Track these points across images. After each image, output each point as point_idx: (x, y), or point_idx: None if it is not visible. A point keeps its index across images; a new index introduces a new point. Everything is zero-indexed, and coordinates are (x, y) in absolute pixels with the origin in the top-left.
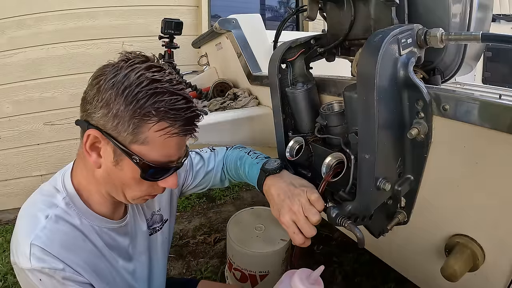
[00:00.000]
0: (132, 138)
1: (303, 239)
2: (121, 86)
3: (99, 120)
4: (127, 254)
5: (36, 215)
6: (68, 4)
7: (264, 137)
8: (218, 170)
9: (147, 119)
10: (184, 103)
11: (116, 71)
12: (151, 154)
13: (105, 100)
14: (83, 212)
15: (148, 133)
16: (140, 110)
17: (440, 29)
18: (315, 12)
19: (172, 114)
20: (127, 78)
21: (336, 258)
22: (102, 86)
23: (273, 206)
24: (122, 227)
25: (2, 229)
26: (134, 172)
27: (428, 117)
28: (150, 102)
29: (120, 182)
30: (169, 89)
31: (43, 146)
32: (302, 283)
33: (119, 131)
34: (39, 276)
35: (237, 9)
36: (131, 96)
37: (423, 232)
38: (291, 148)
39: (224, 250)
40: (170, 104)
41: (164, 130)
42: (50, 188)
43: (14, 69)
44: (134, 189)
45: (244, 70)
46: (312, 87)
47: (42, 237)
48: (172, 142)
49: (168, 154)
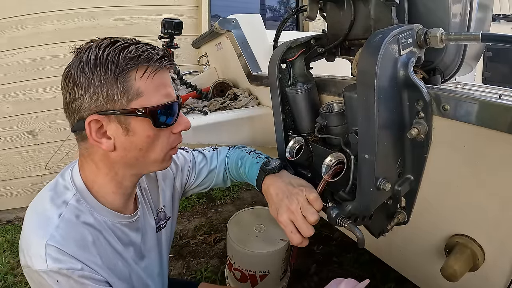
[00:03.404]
0: (127, 96)
1: (301, 239)
2: (90, 62)
3: (90, 106)
4: (139, 251)
5: (48, 215)
6: (68, 4)
7: (264, 137)
8: (220, 170)
9: (128, 70)
10: (148, 46)
11: (78, 58)
12: (151, 100)
13: (85, 82)
14: (95, 208)
15: (136, 82)
16: (118, 68)
17: (440, 29)
18: (315, 12)
19: (145, 55)
20: (90, 54)
21: (336, 258)
22: (73, 76)
23: (271, 206)
24: (134, 222)
25: (2, 229)
26: (147, 128)
27: (428, 117)
28: (122, 57)
29: (139, 150)
30: (129, 42)
31: (43, 146)
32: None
33: (112, 99)
34: (56, 278)
35: (237, 9)
36: (104, 62)
37: (423, 232)
38: (291, 148)
39: (224, 250)
40: (137, 50)
41: (147, 70)
42: (59, 186)
43: (14, 69)
44: (155, 149)
45: (244, 70)
46: (312, 87)
47: (56, 237)
48: (160, 79)
49: (164, 92)
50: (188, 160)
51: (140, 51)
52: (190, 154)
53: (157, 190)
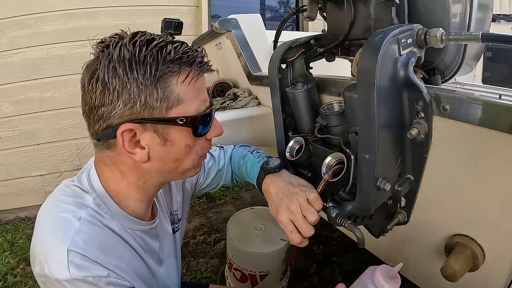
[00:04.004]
0: (167, 103)
1: (301, 239)
2: (125, 62)
3: (123, 113)
4: (158, 258)
5: (66, 217)
6: (68, 4)
7: (264, 137)
8: (228, 169)
9: (169, 74)
10: (186, 46)
11: (107, 58)
12: (191, 107)
13: (119, 86)
14: (115, 214)
15: (177, 88)
16: (158, 71)
17: (440, 29)
18: (315, 12)
19: (186, 57)
20: (123, 52)
21: (336, 258)
22: (103, 77)
23: (271, 205)
24: (153, 229)
25: (2, 229)
26: (186, 137)
27: (428, 117)
28: (162, 58)
29: (174, 159)
30: (166, 41)
31: (43, 146)
32: (382, 277)
33: (151, 106)
34: (80, 286)
35: (237, 9)
36: (141, 64)
37: (423, 232)
38: (291, 148)
39: (224, 250)
40: (178, 51)
41: (189, 75)
42: (74, 188)
43: (14, 69)
44: (190, 157)
45: (244, 70)
46: (312, 87)
47: (79, 242)
48: (200, 85)
49: (203, 99)
50: None
51: (181, 53)
52: None
53: (170, 193)
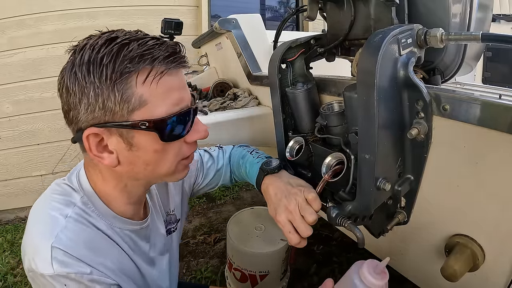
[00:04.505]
0: (127, 106)
1: (299, 239)
2: (83, 66)
3: (87, 117)
4: (149, 259)
5: (54, 215)
6: (68, 4)
7: (264, 137)
8: (227, 168)
9: (126, 76)
10: (153, 41)
11: (71, 61)
12: (157, 110)
13: (78, 91)
14: (103, 213)
15: (137, 89)
16: (115, 72)
17: (440, 29)
18: (315, 12)
19: (147, 55)
20: (84, 56)
21: (336, 258)
22: (66, 83)
23: (270, 205)
24: (143, 228)
25: (2, 229)
26: (152, 142)
27: (428, 117)
28: (119, 59)
29: (146, 164)
30: (131, 38)
31: (43, 146)
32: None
33: (111, 110)
34: (64, 282)
35: (237, 9)
36: (98, 67)
37: (423, 232)
38: (291, 148)
39: (224, 250)
40: (139, 49)
41: (150, 75)
42: (64, 187)
43: (14, 69)
44: (164, 162)
45: (244, 70)
46: (312, 87)
47: (63, 239)
48: (167, 84)
49: (174, 99)
50: (195, 160)
51: (143, 50)
52: (197, 154)
53: (166, 192)
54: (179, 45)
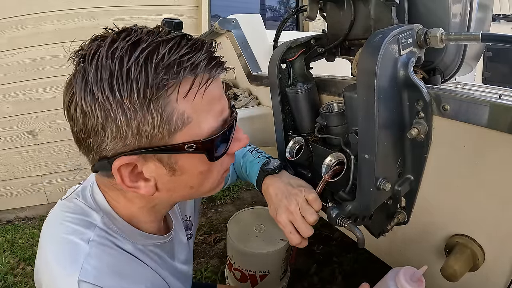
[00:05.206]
0: (168, 127)
1: (300, 239)
2: (102, 83)
3: (115, 145)
4: (174, 271)
5: (73, 240)
6: (68, 4)
7: (264, 137)
8: (233, 168)
9: (164, 90)
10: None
11: (83, 78)
12: (201, 126)
13: (100, 115)
14: (127, 233)
15: (178, 105)
16: (148, 88)
17: (440, 29)
18: (315, 12)
19: (186, 61)
20: (101, 71)
21: (336, 258)
22: (81, 104)
23: (270, 206)
24: (167, 242)
25: (2, 229)
26: (199, 164)
27: (428, 117)
28: (152, 70)
29: (189, 188)
30: (157, 41)
31: (43, 146)
32: (406, 280)
33: (148, 135)
34: None
35: (237, 9)
36: (124, 83)
37: (423, 232)
38: (291, 148)
39: (224, 250)
40: (173, 54)
41: (194, 85)
42: (79, 204)
43: (14, 69)
44: (208, 181)
45: (244, 70)
46: (312, 87)
47: (90, 270)
48: (211, 93)
49: (217, 111)
50: None
51: (179, 56)
52: None
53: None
54: (215, 43)
